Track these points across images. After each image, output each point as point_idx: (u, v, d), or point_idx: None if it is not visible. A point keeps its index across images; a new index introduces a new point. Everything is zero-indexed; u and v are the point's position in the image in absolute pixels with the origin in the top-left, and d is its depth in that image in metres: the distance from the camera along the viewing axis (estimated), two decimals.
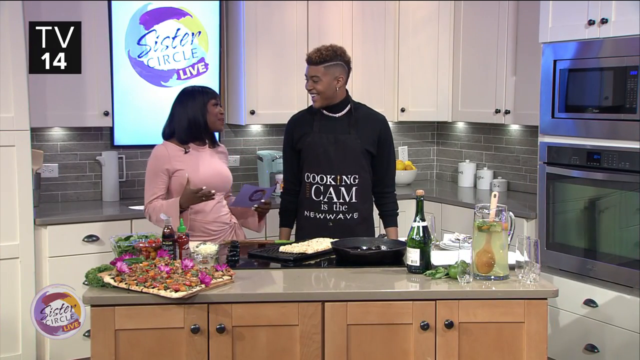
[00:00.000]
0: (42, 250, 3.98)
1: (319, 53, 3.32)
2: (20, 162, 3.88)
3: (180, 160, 3.33)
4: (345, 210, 3.37)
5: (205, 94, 3.42)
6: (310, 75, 3.33)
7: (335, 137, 3.35)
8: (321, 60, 3.30)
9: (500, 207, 2.62)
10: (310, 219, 3.40)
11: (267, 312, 2.52)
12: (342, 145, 3.34)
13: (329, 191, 3.36)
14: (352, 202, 3.37)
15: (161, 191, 3.32)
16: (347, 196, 3.35)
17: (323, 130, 3.38)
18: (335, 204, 3.36)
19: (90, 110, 4.35)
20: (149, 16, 4.68)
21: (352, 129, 3.36)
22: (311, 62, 3.33)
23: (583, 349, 3.85)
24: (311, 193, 3.39)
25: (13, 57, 3.80)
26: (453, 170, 5.58)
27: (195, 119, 3.37)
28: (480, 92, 4.92)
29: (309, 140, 3.38)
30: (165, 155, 3.33)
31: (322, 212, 3.37)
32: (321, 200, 3.37)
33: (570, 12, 3.84)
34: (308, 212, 3.41)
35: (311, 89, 3.34)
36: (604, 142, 3.74)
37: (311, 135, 3.38)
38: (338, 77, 3.34)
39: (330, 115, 3.40)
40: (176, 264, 2.62)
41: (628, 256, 3.64)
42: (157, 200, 3.31)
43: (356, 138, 3.35)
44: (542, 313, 2.55)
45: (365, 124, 3.39)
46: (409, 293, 2.58)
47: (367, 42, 5.07)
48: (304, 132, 3.41)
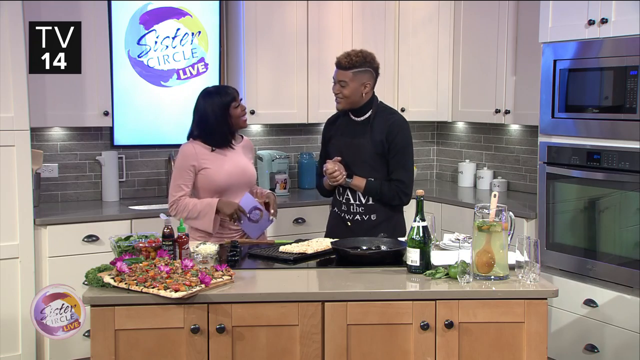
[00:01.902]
0: (42, 250, 3.98)
1: (349, 58, 3.33)
2: (20, 162, 3.88)
3: (206, 159, 3.38)
4: (362, 211, 3.40)
5: (226, 96, 3.42)
6: (338, 80, 3.35)
7: (351, 140, 3.40)
8: (350, 65, 3.32)
9: (500, 207, 2.62)
10: (335, 213, 3.51)
11: (267, 312, 2.52)
12: (354, 149, 3.38)
13: (346, 192, 3.42)
14: (369, 204, 3.39)
15: (187, 187, 3.38)
16: (363, 198, 3.38)
17: (343, 134, 3.44)
18: (352, 205, 3.41)
19: (90, 110, 4.35)
20: (148, 16, 4.68)
21: (368, 132, 3.39)
22: (340, 66, 3.34)
23: (583, 349, 3.85)
24: (336, 191, 3.49)
25: (13, 57, 3.80)
26: (453, 170, 5.58)
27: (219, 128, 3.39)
28: (480, 92, 4.92)
29: (333, 143, 3.47)
30: (192, 153, 3.38)
31: (343, 211, 3.45)
32: (341, 200, 3.45)
33: (570, 12, 3.84)
34: (334, 208, 3.52)
35: (338, 93, 3.36)
36: (603, 142, 3.74)
37: (336, 138, 3.46)
38: (365, 84, 3.36)
39: (354, 119, 3.45)
40: (176, 264, 2.62)
41: (628, 256, 3.64)
42: (188, 198, 3.36)
43: (368, 142, 3.37)
44: (542, 313, 2.55)
45: (379, 127, 3.39)
46: (409, 293, 2.58)
47: (367, 42, 5.06)
48: (332, 135, 3.50)
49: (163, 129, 4.81)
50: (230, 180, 3.39)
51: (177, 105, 4.80)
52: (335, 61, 3.39)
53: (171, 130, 4.77)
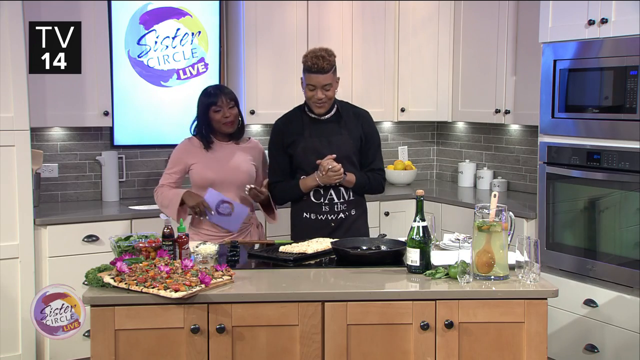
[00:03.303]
0: (42, 250, 3.98)
1: (327, 60, 3.23)
2: (20, 162, 3.88)
3: (196, 155, 3.49)
4: (346, 208, 3.39)
5: (208, 97, 3.49)
6: (323, 85, 3.25)
7: (327, 139, 3.35)
8: (330, 66, 3.25)
9: (500, 207, 2.62)
10: (311, 220, 3.40)
11: (267, 312, 2.52)
12: (336, 147, 3.35)
13: (329, 192, 3.37)
14: (351, 199, 3.40)
15: (172, 179, 3.51)
16: (347, 195, 3.37)
17: (314, 135, 3.36)
18: (336, 204, 3.37)
19: (90, 110, 4.35)
20: (148, 16, 4.68)
21: (343, 129, 3.36)
22: (323, 71, 3.23)
23: (583, 349, 3.85)
24: (310, 195, 3.39)
25: (13, 57, 3.80)
26: (453, 170, 5.57)
27: (200, 127, 3.52)
28: (480, 92, 4.92)
29: (303, 146, 3.36)
30: (185, 149, 3.52)
31: (324, 213, 3.39)
32: (322, 202, 3.38)
33: (570, 12, 3.84)
34: (308, 214, 3.41)
35: (322, 98, 3.27)
36: (603, 142, 3.73)
37: (303, 141, 3.36)
38: (338, 80, 3.34)
39: (318, 118, 3.37)
40: (176, 264, 2.62)
41: (628, 256, 3.64)
42: (167, 187, 3.49)
43: (348, 138, 3.36)
44: (542, 313, 2.55)
45: (351, 122, 3.40)
46: (409, 293, 2.58)
47: (367, 42, 5.06)
48: (295, 138, 3.37)
49: (163, 129, 4.80)
50: (216, 177, 3.43)
51: (177, 105, 4.80)
52: (311, 66, 3.23)
53: (171, 130, 4.77)
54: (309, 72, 3.25)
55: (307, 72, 3.26)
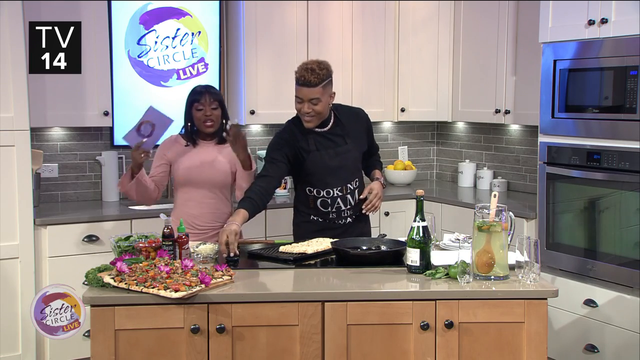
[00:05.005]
0: (42, 250, 3.98)
1: (315, 74, 3.12)
2: (20, 162, 3.88)
3: (176, 151, 3.51)
4: (351, 213, 3.39)
5: (192, 94, 3.51)
6: (309, 98, 3.15)
7: (334, 151, 3.30)
8: (319, 80, 3.13)
9: (500, 207, 2.62)
10: (319, 222, 3.39)
11: (267, 312, 2.52)
12: (343, 158, 3.32)
13: (336, 202, 3.34)
14: (356, 204, 3.40)
15: (156, 172, 3.51)
16: (352, 200, 3.37)
17: (321, 147, 3.28)
18: (343, 211, 3.37)
19: (90, 110, 4.35)
20: (148, 16, 4.68)
21: (347, 138, 3.34)
22: (310, 84, 3.13)
23: (583, 349, 3.85)
24: (316, 204, 3.35)
25: (13, 57, 3.80)
26: (453, 170, 5.58)
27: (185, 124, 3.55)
28: (480, 92, 4.92)
29: (311, 159, 3.27)
30: (166, 145, 3.56)
31: (331, 219, 3.38)
32: (329, 211, 3.36)
33: (570, 12, 3.84)
34: (315, 217, 3.39)
35: (309, 112, 3.18)
36: (603, 142, 3.73)
37: (310, 154, 3.27)
38: (332, 94, 3.25)
39: (321, 131, 3.30)
40: (176, 264, 2.62)
41: (628, 256, 3.64)
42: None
43: (354, 147, 3.35)
44: (542, 313, 2.55)
45: (353, 126, 3.37)
46: (409, 293, 2.58)
47: (367, 42, 5.06)
48: (301, 148, 3.28)
49: None
50: (189, 174, 3.45)
51: (177, 105, 4.76)
52: (298, 78, 3.15)
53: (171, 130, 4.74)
54: (297, 84, 3.20)
55: (296, 84, 3.22)
